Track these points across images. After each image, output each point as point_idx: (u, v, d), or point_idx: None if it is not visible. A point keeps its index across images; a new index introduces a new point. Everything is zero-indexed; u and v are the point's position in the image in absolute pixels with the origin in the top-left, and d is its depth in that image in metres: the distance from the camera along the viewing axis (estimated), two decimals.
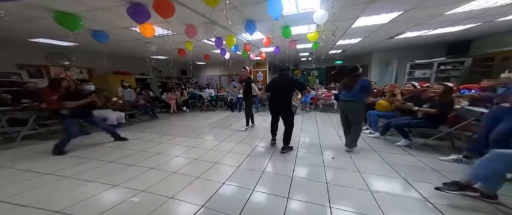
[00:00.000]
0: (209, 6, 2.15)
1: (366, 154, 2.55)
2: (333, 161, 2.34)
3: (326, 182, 1.86)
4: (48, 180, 1.92)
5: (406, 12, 2.96)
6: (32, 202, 1.55)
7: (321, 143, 3.00)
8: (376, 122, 3.39)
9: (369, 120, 3.51)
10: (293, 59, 7.47)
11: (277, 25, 3.22)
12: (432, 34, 4.57)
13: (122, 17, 2.57)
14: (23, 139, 3.24)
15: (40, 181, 1.90)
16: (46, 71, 5.08)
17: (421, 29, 4.11)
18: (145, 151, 2.75)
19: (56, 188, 1.78)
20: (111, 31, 3.44)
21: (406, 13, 2.98)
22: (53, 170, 2.14)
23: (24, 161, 2.42)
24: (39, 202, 1.55)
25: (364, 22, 3.40)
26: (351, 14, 3.01)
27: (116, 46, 4.79)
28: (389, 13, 2.98)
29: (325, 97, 6.11)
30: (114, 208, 1.48)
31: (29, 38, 3.94)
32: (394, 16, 3.11)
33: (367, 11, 2.85)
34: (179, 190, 1.73)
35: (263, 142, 3.09)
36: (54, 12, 2.49)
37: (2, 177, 2.00)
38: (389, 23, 3.45)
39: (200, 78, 10.91)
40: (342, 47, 6.13)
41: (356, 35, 4.48)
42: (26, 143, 3.15)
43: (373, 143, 2.97)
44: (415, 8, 2.78)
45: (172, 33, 3.73)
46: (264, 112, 6.16)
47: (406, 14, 3.03)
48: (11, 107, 3.43)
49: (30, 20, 2.80)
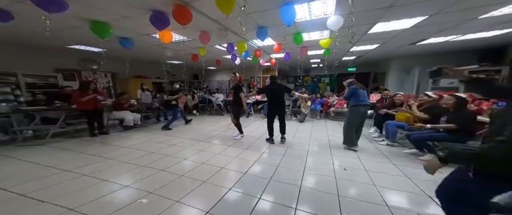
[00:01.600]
0: (223, 14, 2.20)
1: (382, 165, 2.39)
2: (345, 172, 2.20)
3: (337, 194, 1.73)
4: (67, 177, 2.02)
5: (431, 17, 2.73)
6: (50, 198, 1.63)
7: (332, 153, 2.83)
8: (395, 134, 3.14)
9: (385, 130, 3.29)
10: (303, 65, 7.35)
11: (288, 31, 3.19)
12: (461, 39, 4.18)
13: (145, 24, 2.74)
14: (52, 136, 3.52)
15: (59, 178, 2.00)
16: (78, 75, 5.59)
17: (448, 35, 3.77)
18: (155, 152, 2.81)
19: (72, 186, 1.85)
20: (135, 37, 3.70)
21: (432, 18, 2.75)
22: (72, 167, 2.25)
23: (49, 158, 2.60)
24: (57, 199, 1.61)
25: (382, 28, 3.22)
26: (368, 20, 2.87)
27: (137, 52, 5.11)
28: (412, 18, 2.78)
29: (336, 105, 5.85)
30: (123, 209, 1.49)
31: (67, 45, 4.39)
32: (418, 21, 2.89)
33: (386, 16, 2.69)
34: (186, 193, 1.71)
35: (270, 150, 3.00)
36: (90, 21, 2.75)
37: (27, 172, 2.15)
38: (412, 28, 3.22)
39: (210, 82, 11.19)
40: (357, 53, 5.89)
41: (373, 41, 4.28)
42: (54, 141, 3.41)
43: (388, 152, 2.80)
44: (443, 12, 2.55)
45: (188, 39, 3.89)
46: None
47: (431, 19, 2.80)
48: (45, 107, 3.81)
49: (70, 29, 3.10)
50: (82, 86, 3.76)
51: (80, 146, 3.11)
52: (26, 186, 1.81)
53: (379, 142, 3.34)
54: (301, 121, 5.33)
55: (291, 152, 2.84)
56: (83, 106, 3.61)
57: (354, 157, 2.69)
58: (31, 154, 2.74)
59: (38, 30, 2.83)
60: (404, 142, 3.19)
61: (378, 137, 3.62)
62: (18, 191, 1.71)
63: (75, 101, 3.65)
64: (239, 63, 5.93)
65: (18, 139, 3.31)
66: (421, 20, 2.82)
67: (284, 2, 2.23)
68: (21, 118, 3.62)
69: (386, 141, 3.23)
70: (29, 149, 2.95)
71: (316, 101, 6.23)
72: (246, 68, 6.98)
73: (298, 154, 2.79)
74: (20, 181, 1.91)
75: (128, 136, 3.83)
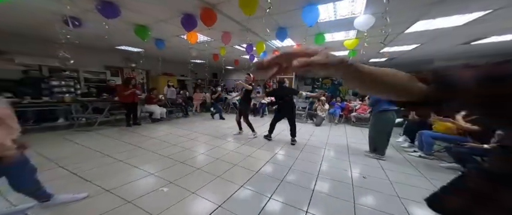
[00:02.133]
0: (245, 15, 2.26)
1: (410, 177, 2.19)
2: (364, 180, 2.06)
3: (353, 202, 1.64)
4: (107, 161, 2.36)
5: (495, 12, 2.25)
6: (92, 178, 1.93)
7: (350, 159, 2.66)
8: (431, 145, 2.76)
9: (419, 141, 2.93)
10: None
11: (310, 32, 3.08)
12: None
13: (176, 26, 3.01)
14: (99, 124, 4.16)
15: (101, 161, 2.35)
16: (121, 72, 6.47)
17: None
18: (177, 145, 3.05)
19: (110, 169, 2.15)
20: (167, 39, 4.08)
21: (496, 12, 2.26)
22: (111, 153, 2.62)
23: (96, 143, 3.07)
24: (97, 179, 1.90)
25: (425, 26, 2.83)
26: (407, 18, 2.56)
27: (167, 52, 5.62)
28: (467, 14, 2.35)
29: (359, 110, 5.37)
30: (148, 195, 1.67)
31: (115, 46, 5.12)
32: (474, 17, 2.43)
33: (432, 12, 2.34)
34: (201, 186, 1.82)
35: (283, 150, 2.97)
36: (135, 25, 3.16)
37: (80, 154, 2.58)
38: (464, 25, 2.74)
39: (227, 81, 11.51)
40: (390, 54, 5.29)
41: (410, 41, 3.79)
42: (99, 128, 4.01)
43: (420, 165, 2.51)
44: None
45: (211, 40, 4.11)
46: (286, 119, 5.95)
47: (495, 14, 2.30)
48: (95, 98, 4.53)
49: (120, 32, 3.60)
50: (125, 81, 4.34)
51: (118, 134, 3.59)
52: (78, 166, 2.18)
53: (410, 152, 2.99)
54: (318, 125, 5.11)
55: (305, 156, 2.77)
56: (124, 99, 4.16)
57: (376, 165, 2.48)
58: (83, 138, 3.28)
59: (99, 33, 3.38)
60: (441, 155, 2.81)
61: (409, 147, 3.25)
62: (71, 170, 2.08)
63: (118, 94, 4.24)
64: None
65: (75, 124, 4.01)
66: (480, 15, 2.35)
67: (308, 2, 2.16)
68: (78, 107, 4.38)
69: (419, 152, 2.87)
70: (82, 134, 3.54)
71: (335, 105, 5.87)
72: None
73: (312, 157, 2.71)
74: (74, 161, 2.32)
75: (155, 128, 4.25)
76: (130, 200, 1.58)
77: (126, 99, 4.15)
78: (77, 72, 5.22)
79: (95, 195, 1.64)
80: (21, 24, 3.33)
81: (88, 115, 4.24)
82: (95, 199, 1.59)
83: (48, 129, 3.78)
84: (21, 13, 2.84)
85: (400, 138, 3.69)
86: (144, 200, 1.60)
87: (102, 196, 1.63)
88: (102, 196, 1.63)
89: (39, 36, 4.13)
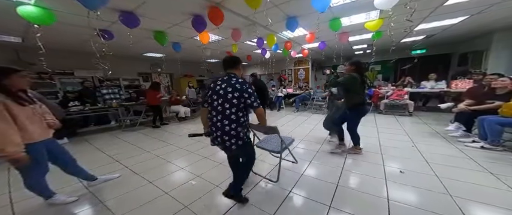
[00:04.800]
0: (251, 9, 2.18)
1: (467, 172, 1.89)
2: (401, 175, 1.89)
3: (387, 197, 1.56)
4: (148, 157, 2.76)
5: None
6: (139, 171, 2.31)
7: (382, 152, 2.47)
8: (499, 133, 2.27)
9: (480, 129, 2.46)
10: (343, 53, 6.23)
11: (323, 18, 2.77)
12: None
13: (188, 28, 3.12)
14: (140, 124, 4.81)
15: (143, 157, 2.77)
16: (150, 77, 7.17)
17: None
18: (201, 141, 3.29)
19: (151, 164, 2.52)
20: (182, 41, 4.27)
21: None
22: (150, 149, 3.04)
23: (138, 140, 3.59)
24: (143, 173, 2.26)
25: None
26: None
27: (184, 54, 5.90)
28: None
29: (393, 96, 4.74)
30: (181, 187, 1.93)
31: (142, 53, 5.66)
32: None
33: None
34: (223, 180, 1.99)
35: (303, 144, 2.93)
36: (153, 31, 3.41)
37: (128, 151, 3.07)
38: None
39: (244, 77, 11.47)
40: (426, 31, 4.38)
41: (455, 13, 3.06)
42: (140, 128, 4.64)
43: (482, 158, 2.14)
44: None
45: (222, 38, 4.14)
46: (305, 112, 5.71)
47: None
48: (134, 102, 5.21)
49: (142, 39, 3.94)
50: (152, 86, 4.82)
51: (153, 133, 4.10)
52: (127, 161, 2.63)
53: (467, 142, 2.56)
54: None
55: (326, 149, 2.69)
56: (152, 102, 4.65)
57: (419, 159, 2.22)
58: (129, 137, 3.88)
59: (126, 42, 3.77)
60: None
61: (463, 136, 2.77)
62: (125, 164, 2.54)
63: (147, 97, 4.72)
64: (269, 57, 5.77)
65: (123, 125, 4.75)
66: None
67: None
68: (123, 110, 5.14)
69: (481, 143, 2.41)
70: (128, 133, 4.18)
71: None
72: (276, 61, 6.66)
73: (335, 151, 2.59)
74: (125, 156, 2.80)
75: (182, 126, 4.68)
76: (167, 191, 1.86)
77: (154, 101, 4.62)
78: (118, 80, 6.03)
79: (139, 187, 1.97)
80: (69, 42, 3.95)
81: (131, 117, 4.96)
82: (143, 189, 1.92)
83: (105, 130, 4.59)
84: (66, 33, 3.33)
85: (450, 125, 3.10)
86: (177, 191, 1.85)
87: (146, 187, 1.96)
88: (146, 187, 1.96)
89: (84, 51, 4.81)
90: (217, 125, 1.38)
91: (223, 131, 1.36)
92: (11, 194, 1.41)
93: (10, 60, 4.32)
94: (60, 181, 1.93)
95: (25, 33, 3.25)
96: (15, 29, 3.03)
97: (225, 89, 1.36)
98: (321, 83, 9.07)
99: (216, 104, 1.39)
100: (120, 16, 2.51)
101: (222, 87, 1.38)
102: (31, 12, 2.07)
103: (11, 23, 2.69)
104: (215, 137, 1.41)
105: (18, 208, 1.59)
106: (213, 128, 1.41)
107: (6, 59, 4.25)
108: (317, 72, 9.85)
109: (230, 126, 1.35)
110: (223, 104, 1.35)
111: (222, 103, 1.36)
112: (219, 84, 1.40)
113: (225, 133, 1.36)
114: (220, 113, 1.37)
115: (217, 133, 1.38)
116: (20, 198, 1.72)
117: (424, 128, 3.47)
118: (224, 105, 1.35)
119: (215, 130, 1.40)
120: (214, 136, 1.42)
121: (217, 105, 1.38)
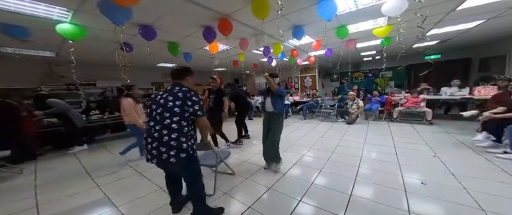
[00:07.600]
0: (259, 20, 2.25)
1: (501, 186, 1.71)
2: (423, 186, 1.75)
3: (408, 209, 1.44)
4: None
5: None
6: (150, 177, 2.36)
7: (399, 161, 2.32)
8: None
9: (509, 138, 2.26)
10: (351, 60, 6.13)
11: (329, 26, 2.79)
12: None
13: (199, 39, 3.24)
14: None
15: None
16: (162, 86, 7.52)
17: None
18: None
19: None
20: (193, 51, 4.46)
21: None
22: None
23: None
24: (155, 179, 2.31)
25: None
26: None
27: (194, 63, 6.13)
28: None
29: (407, 103, 4.52)
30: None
31: (156, 64, 5.99)
32: None
33: None
34: (235, 185, 1.97)
35: (311, 152, 2.84)
36: (168, 43, 3.60)
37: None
38: None
39: (249, 85, 11.55)
40: (438, 36, 4.23)
41: (470, 17, 2.96)
42: None
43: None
44: None
45: (230, 48, 4.25)
46: (313, 120, 5.58)
47: None
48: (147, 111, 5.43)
49: (157, 51, 4.15)
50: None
51: None
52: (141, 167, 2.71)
53: (497, 153, 2.34)
54: (349, 123, 4.67)
55: (337, 157, 2.59)
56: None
57: (443, 170, 2.05)
58: None
59: (142, 54, 3.97)
60: None
61: (492, 146, 2.55)
62: (137, 169, 2.60)
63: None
64: (275, 65, 5.83)
65: None
66: None
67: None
68: None
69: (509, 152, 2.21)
70: None
71: (372, 100, 5.14)
72: (283, 69, 6.71)
73: (347, 160, 2.47)
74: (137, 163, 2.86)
75: None
76: None
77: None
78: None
79: (151, 192, 1.99)
80: (95, 55, 4.29)
81: None
82: (148, 197, 1.93)
83: (121, 137, 4.79)
84: (92, 47, 3.62)
85: (478, 135, 2.88)
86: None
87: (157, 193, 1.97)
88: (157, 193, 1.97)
89: (105, 63, 5.16)
90: (154, 135, 1.21)
91: (160, 141, 1.19)
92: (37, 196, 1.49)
93: (43, 73, 4.81)
94: None
95: (59, 48, 3.58)
96: (51, 45, 3.35)
97: (166, 98, 1.25)
98: (329, 91, 8.90)
99: (154, 114, 1.26)
100: (140, 29, 2.71)
101: (163, 97, 1.27)
102: (67, 30, 2.31)
103: (49, 39, 2.98)
104: (149, 150, 1.24)
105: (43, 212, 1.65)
106: (149, 140, 1.24)
107: (40, 72, 4.73)
108: (324, 80, 9.71)
109: (169, 136, 1.19)
110: (163, 113, 1.22)
111: (161, 112, 1.22)
112: (161, 94, 1.31)
113: (162, 144, 1.19)
114: (158, 122, 1.22)
115: (153, 144, 1.21)
116: (45, 201, 1.79)
117: (445, 138, 3.24)
118: (163, 114, 1.21)
119: (151, 142, 1.23)
120: (148, 149, 1.24)
121: (156, 114, 1.24)
